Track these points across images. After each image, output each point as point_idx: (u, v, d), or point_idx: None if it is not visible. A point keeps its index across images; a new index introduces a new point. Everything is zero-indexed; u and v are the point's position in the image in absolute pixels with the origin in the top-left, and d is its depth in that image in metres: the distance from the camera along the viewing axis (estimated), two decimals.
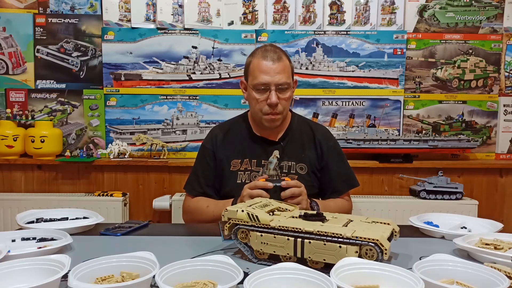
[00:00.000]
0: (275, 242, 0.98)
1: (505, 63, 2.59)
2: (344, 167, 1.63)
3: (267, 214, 1.04)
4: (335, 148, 1.63)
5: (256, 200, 1.17)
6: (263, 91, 1.47)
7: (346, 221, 1.03)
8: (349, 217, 1.09)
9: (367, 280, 0.85)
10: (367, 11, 2.54)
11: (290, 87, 1.50)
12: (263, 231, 1.00)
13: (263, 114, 1.50)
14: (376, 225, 1.03)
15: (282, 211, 1.12)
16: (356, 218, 1.08)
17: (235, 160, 1.56)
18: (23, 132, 2.43)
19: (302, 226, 0.97)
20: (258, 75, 1.46)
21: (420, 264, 0.90)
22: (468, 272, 0.89)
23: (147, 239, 1.24)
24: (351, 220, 1.05)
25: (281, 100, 1.47)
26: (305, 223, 1.00)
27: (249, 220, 1.02)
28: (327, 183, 1.59)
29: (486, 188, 2.55)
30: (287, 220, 1.02)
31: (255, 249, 1.02)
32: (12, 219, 2.27)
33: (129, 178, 2.50)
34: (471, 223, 1.36)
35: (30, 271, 0.86)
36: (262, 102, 1.48)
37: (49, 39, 2.51)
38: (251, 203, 1.12)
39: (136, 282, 0.79)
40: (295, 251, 0.97)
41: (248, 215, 1.02)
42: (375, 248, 0.90)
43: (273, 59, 1.46)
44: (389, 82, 2.55)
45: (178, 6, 2.50)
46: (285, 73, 1.46)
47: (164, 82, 2.53)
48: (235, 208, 1.04)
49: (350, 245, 0.92)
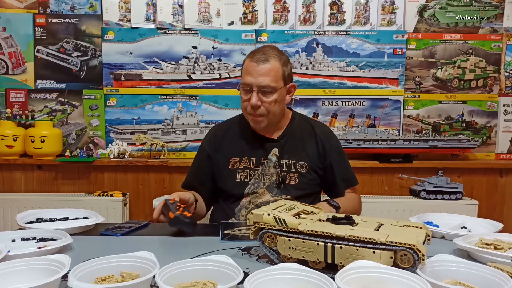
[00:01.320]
0: (304, 247, 0.94)
1: (505, 63, 2.59)
2: (346, 165, 1.64)
3: (294, 218, 1.00)
4: (337, 146, 1.63)
5: (280, 203, 1.12)
6: (247, 92, 1.48)
7: (377, 225, 0.99)
8: (379, 220, 1.04)
9: (373, 283, 0.84)
10: (367, 11, 2.54)
11: (274, 91, 1.46)
12: (291, 236, 0.96)
13: (247, 114, 1.52)
14: (409, 229, 0.99)
15: (307, 214, 1.09)
16: (387, 221, 1.03)
17: (233, 159, 1.56)
18: (23, 132, 2.43)
19: (332, 231, 0.93)
20: (244, 75, 1.48)
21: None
22: (471, 273, 0.89)
23: (147, 239, 1.23)
24: (381, 223, 1.01)
25: (264, 102, 1.46)
26: (335, 227, 0.96)
27: (275, 224, 0.98)
28: (330, 182, 1.60)
29: (486, 188, 2.55)
30: (316, 224, 0.99)
31: (283, 254, 0.97)
32: (12, 219, 2.27)
33: (129, 178, 2.50)
34: (471, 223, 1.36)
35: (30, 271, 0.86)
36: (245, 101, 1.50)
37: (49, 39, 2.51)
38: (276, 205, 1.08)
39: (136, 282, 0.79)
40: (325, 256, 0.92)
41: (275, 218, 0.98)
42: (411, 253, 0.87)
43: (258, 60, 1.45)
44: (389, 82, 2.55)
45: (178, 6, 2.50)
46: (269, 76, 1.44)
47: (164, 82, 2.53)
48: (261, 212, 1.01)
49: (384, 251, 0.88)
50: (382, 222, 1.02)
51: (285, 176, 1.52)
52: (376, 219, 1.05)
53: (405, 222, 1.04)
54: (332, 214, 1.08)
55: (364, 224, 1.00)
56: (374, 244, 0.89)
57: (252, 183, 1.52)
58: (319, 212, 1.12)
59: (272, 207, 1.06)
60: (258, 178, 1.52)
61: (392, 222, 1.04)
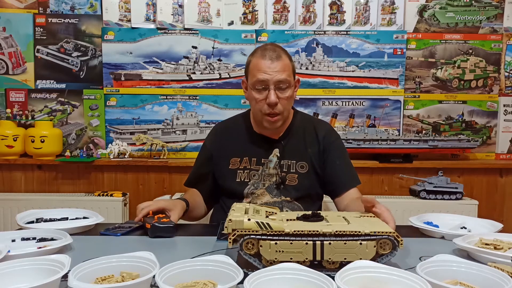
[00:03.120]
0: (293, 249, 0.94)
1: (505, 63, 2.59)
2: (347, 165, 1.59)
3: (278, 221, 0.99)
4: (338, 145, 1.60)
5: (240, 206, 1.10)
6: (262, 90, 1.46)
7: (343, 218, 1.06)
8: (339, 214, 1.12)
9: (373, 283, 0.84)
10: (367, 11, 2.54)
11: (290, 86, 1.47)
12: (277, 239, 0.94)
13: (263, 114, 1.48)
14: (371, 219, 1.07)
15: (275, 215, 1.08)
16: (347, 214, 1.11)
17: (234, 158, 1.56)
18: (23, 132, 2.43)
19: (318, 228, 0.95)
20: (257, 74, 1.44)
21: (423, 264, 0.90)
22: (471, 273, 0.89)
23: (147, 239, 1.23)
24: (344, 217, 1.08)
25: (280, 99, 1.45)
26: (315, 225, 0.98)
27: (259, 229, 0.96)
28: (330, 181, 1.57)
29: (486, 188, 2.55)
30: (296, 224, 1.00)
31: (269, 259, 0.94)
32: (12, 219, 2.27)
33: (129, 178, 2.50)
34: (471, 223, 1.36)
35: (30, 271, 0.86)
36: (261, 101, 1.46)
37: (49, 39, 2.51)
38: (242, 211, 1.04)
39: (136, 282, 0.79)
40: (314, 254, 0.94)
41: (258, 223, 0.96)
42: (391, 240, 0.95)
43: (271, 57, 1.45)
44: (389, 82, 2.55)
45: (178, 6, 2.50)
46: (284, 71, 1.44)
47: (164, 82, 2.53)
48: (241, 218, 0.97)
49: (369, 241, 0.94)
50: (343, 215, 1.09)
51: (285, 177, 1.51)
52: (336, 213, 1.13)
53: (358, 214, 1.13)
54: (301, 213, 1.10)
55: (334, 219, 1.05)
56: (360, 236, 0.95)
57: (251, 184, 1.52)
58: (278, 211, 1.14)
59: (245, 213, 1.02)
60: (258, 178, 1.52)
61: (351, 214, 1.12)
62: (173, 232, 1.26)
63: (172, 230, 1.26)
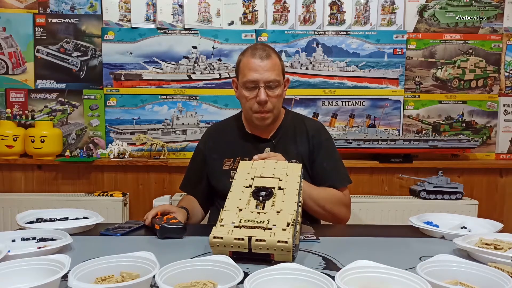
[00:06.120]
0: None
1: (505, 63, 2.59)
2: (335, 164, 1.58)
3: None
4: (328, 144, 1.59)
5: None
6: (252, 89, 1.48)
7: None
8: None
9: (373, 283, 0.84)
10: (367, 11, 2.54)
11: (279, 85, 1.49)
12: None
13: (253, 112, 1.50)
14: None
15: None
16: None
17: (227, 159, 1.57)
18: (23, 132, 2.43)
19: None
20: (247, 72, 1.47)
21: (423, 264, 0.89)
22: (471, 273, 0.89)
23: (147, 239, 1.24)
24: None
25: (270, 97, 1.47)
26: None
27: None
28: (317, 180, 1.55)
29: (486, 188, 2.55)
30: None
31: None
32: (12, 219, 2.27)
33: (129, 178, 2.50)
34: (471, 223, 1.36)
35: (30, 271, 0.86)
36: (251, 100, 1.49)
37: (49, 39, 2.51)
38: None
39: (136, 282, 0.79)
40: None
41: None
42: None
43: (261, 56, 1.47)
44: (389, 82, 2.55)
45: (178, 6, 2.50)
46: (274, 70, 1.47)
47: (164, 82, 2.53)
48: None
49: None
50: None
51: None
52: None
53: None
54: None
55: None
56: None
57: None
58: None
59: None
60: None
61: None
62: (182, 233, 1.25)
63: (182, 231, 1.26)
